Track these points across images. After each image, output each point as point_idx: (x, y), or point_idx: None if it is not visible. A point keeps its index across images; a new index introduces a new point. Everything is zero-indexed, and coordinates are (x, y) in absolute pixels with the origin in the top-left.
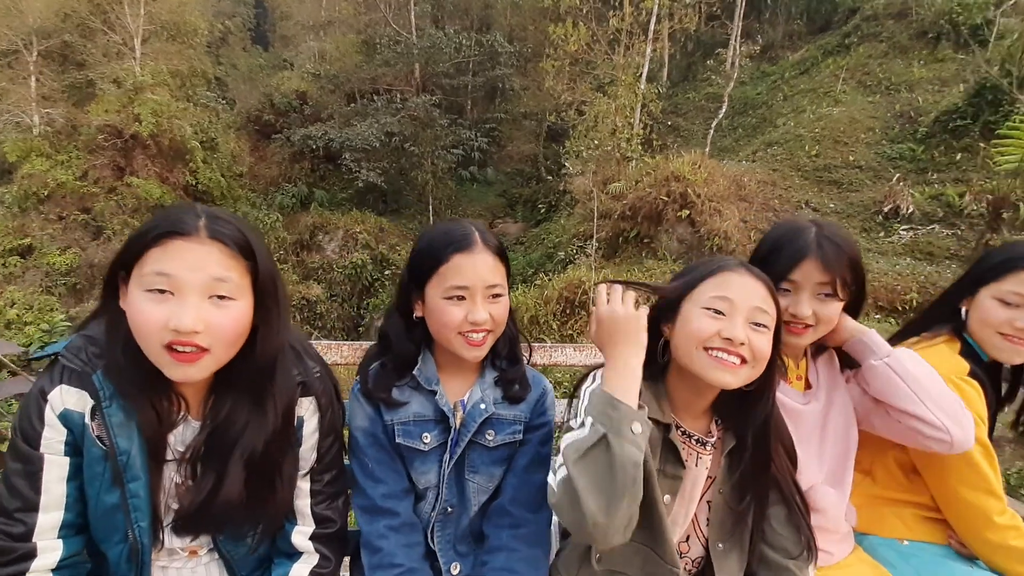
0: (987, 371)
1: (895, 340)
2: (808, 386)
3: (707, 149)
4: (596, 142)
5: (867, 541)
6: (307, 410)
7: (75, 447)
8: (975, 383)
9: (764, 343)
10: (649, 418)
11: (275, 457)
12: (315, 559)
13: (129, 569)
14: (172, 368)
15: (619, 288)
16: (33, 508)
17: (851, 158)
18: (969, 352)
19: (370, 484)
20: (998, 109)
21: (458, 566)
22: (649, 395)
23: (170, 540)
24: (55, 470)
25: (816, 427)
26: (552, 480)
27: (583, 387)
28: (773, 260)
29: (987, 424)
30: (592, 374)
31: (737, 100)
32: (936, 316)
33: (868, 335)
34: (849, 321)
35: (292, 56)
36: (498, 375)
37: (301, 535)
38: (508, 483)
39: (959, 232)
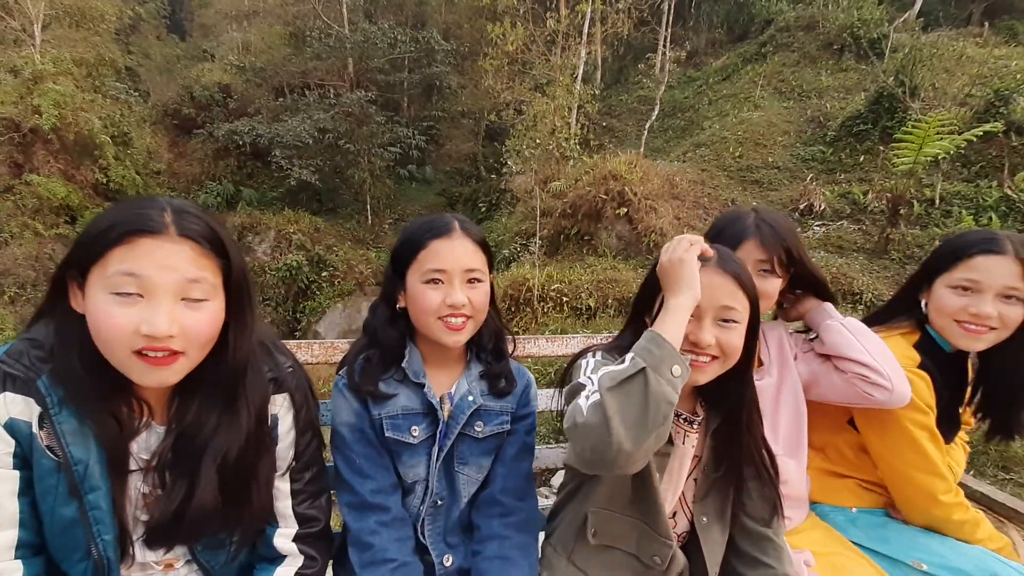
0: (949, 361)
1: None
2: (760, 363)
3: (641, 150)
4: (537, 141)
5: (819, 509)
6: (281, 407)
7: (24, 459)
8: (923, 374)
9: (734, 337)
10: None
11: (250, 459)
12: (300, 560)
13: None
14: (143, 374)
15: (688, 238)
16: None
17: (770, 159)
18: (928, 344)
19: (358, 480)
20: (894, 115)
21: (450, 558)
22: None
23: (142, 554)
24: (5, 485)
25: (770, 402)
26: (582, 403)
27: (580, 361)
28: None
29: (935, 412)
30: (591, 350)
31: (667, 103)
32: (896, 309)
33: (825, 305)
34: (813, 299)
35: (213, 47)
36: (484, 369)
37: (284, 537)
38: (497, 473)
39: (864, 227)
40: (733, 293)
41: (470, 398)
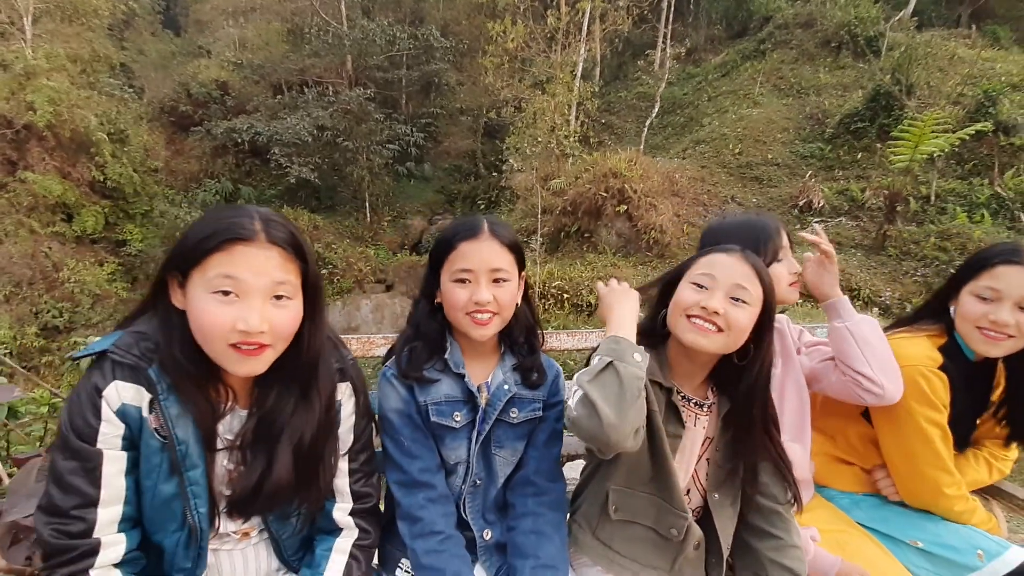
0: (972, 370)
1: (887, 329)
2: None
3: (641, 147)
4: (539, 139)
5: (825, 492)
6: (344, 394)
7: (131, 441)
8: (942, 374)
9: (741, 315)
10: (653, 381)
11: (320, 441)
12: (355, 533)
13: (187, 555)
14: (237, 364)
15: (614, 279)
16: (92, 504)
17: (769, 156)
18: (954, 349)
19: (407, 460)
20: (891, 113)
21: (489, 532)
22: (654, 363)
23: (224, 524)
24: (114, 465)
25: (776, 391)
26: (570, 403)
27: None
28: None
29: (947, 411)
30: (588, 358)
31: (666, 100)
32: (926, 313)
33: (841, 300)
34: (833, 287)
35: (209, 43)
36: (517, 361)
37: (341, 511)
38: (530, 456)
39: (862, 223)
40: (748, 277)
41: (505, 387)
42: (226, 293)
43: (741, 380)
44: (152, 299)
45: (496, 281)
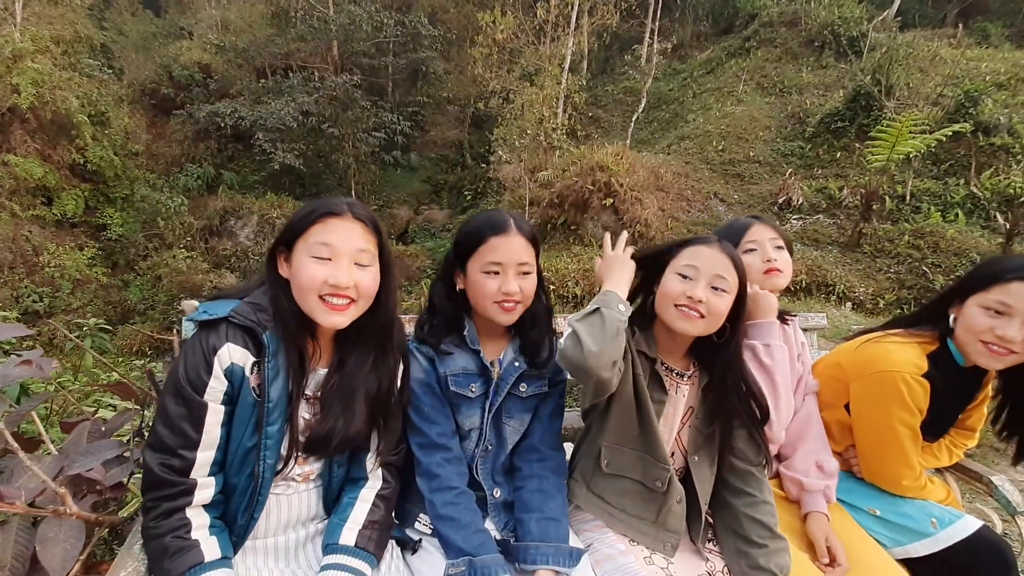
0: (959, 374)
1: (885, 327)
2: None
3: (628, 141)
4: (527, 131)
5: None
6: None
7: (230, 397)
8: (924, 382)
9: (720, 303)
10: (640, 352)
11: (392, 394)
12: (379, 482)
13: (249, 501)
14: (326, 315)
15: (623, 236)
16: (194, 447)
17: (751, 154)
18: (944, 355)
19: (426, 425)
20: (870, 113)
21: (498, 491)
22: (641, 338)
23: (293, 468)
24: (214, 416)
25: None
26: (562, 341)
27: None
28: (731, 234)
29: (924, 415)
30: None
31: (652, 95)
32: (924, 318)
33: (769, 326)
34: (770, 301)
35: (190, 24)
36: (525, 342)
37: (372, 461)
38: (536, 427)
39: (839, 221)
40: (727, 267)
41: (516, 364)
42: (322, 257)
43: (718, 355)
44: (268, 272)
45: (522, 273)
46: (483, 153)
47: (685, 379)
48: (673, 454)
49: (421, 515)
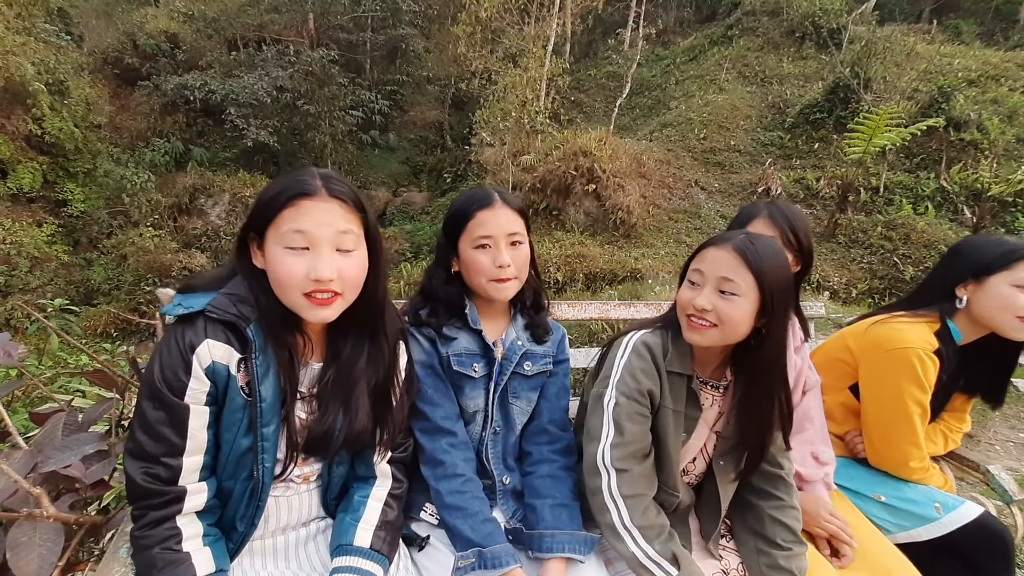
0: (958, 352)
1: (885, 310)
2: None
3: (611, 127)
4: (511, 114)
5: None
6: (401, 351)
7: (215, 398)
8: (935, 359)
9: (732, 309)
10: (675, 372)
11: (390, 385)
12: (390, 482)
13: (249, 505)
14: (311, 311)
15: None
16: (179, 453)
17: (732, 142)
18: (946, 334)
19: (429, 408)
20: (847, 106)
21: (508, 478)
22: (674, 352)
23: (292, 470)
24: (199, 419)
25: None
26: (595, 497)
27: (617, 355)
28: (735, 227)
29: (931, 392)
30: (628, 340)
31: (635, 81)
32: (927, 299)
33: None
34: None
35: None
36: (526, 321)
37: (380, 459)
38: (543, 408)
39: (815, 212)
40: (736, 268)
41: (519, 342)
42: (298, 248)
43: (755, 361)
44: (238, 263)
45: (513, 244)
46: (464, 135)
47: (721, 390)
48: (695, 459)
49: (427, 504)
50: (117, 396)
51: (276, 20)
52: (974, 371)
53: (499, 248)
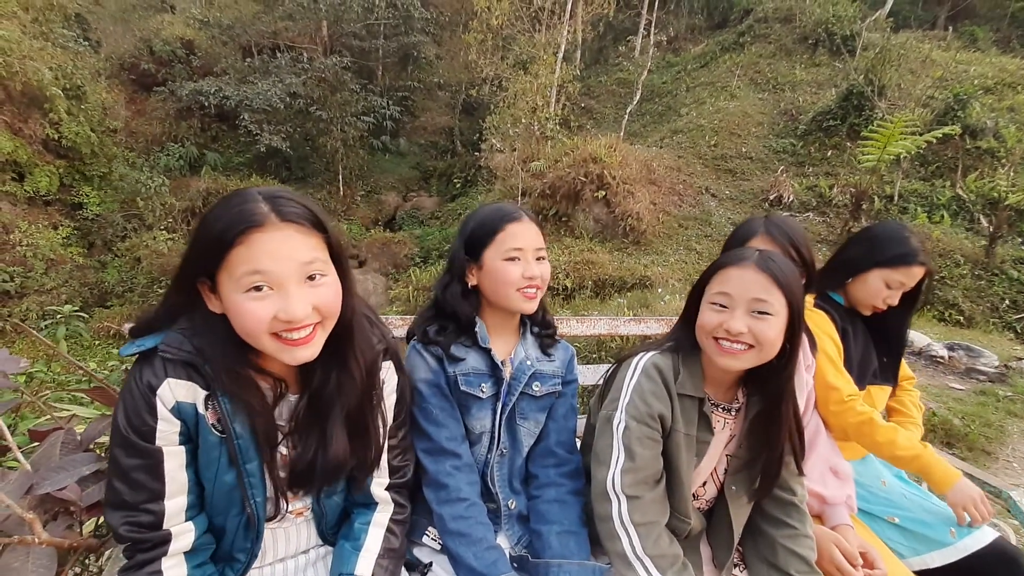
0: (841, 310)
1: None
2: None
3: (621, 133)
4: (521, 120)
5: None
6: (388, 371)
7: (189, 436)
8: (819, 311)
9: (767, 328)
10: (686, 395)
11: (367, 412)
12: (391, 507)
13: (246, 537)
14: (287, 354)
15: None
16: (159, 497)
17: (743, 149)
18: (826, 299)
19: (434, 429)
20: (861, 113)
21: (514, 502)
22: (685, 373)
23: (289, 504)
24: (175, 459)
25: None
26: (606, 525)
27: (627, 378)
28: (732, 247)
29: (838, 346)
30: (637, 361)
31: (645, 87)
32: (826, 283)
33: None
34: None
35: None
36: (536, 340)
37: (379, 486)
38: (550, 429)
39: (828, 219)
40: (767, 288)
41: (528, 362)
42: (259, 288)
43: (771, 381)
44: (187, 310)
45: (539, 259)
46: (474, 140)
47: (733, 413)
48: (705, 483)
49: (429, 528)
50: None
51: (290, 27)
52: (875, 333)
53: (528, 261)
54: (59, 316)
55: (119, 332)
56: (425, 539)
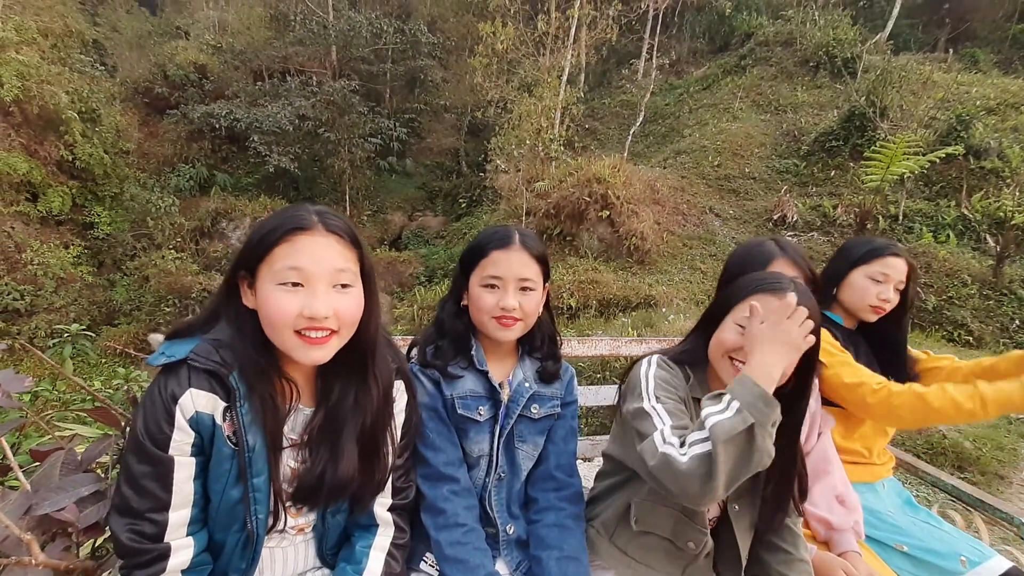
0: (844, 331)
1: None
2: None
3: (624, 154)
4: (525, 141)
5: None
6: (399, 391)
7: (200, 448)
8: (824, 331)
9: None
10: (694, 398)
11: (380, 431)
12: (392, 531)
13: (243, 555)
14: (303, 352)
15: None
16: (164, 508)
17: (747, 170)
18: (827, 320)
19: (431, 453)
20: (864, 134)
21: (512, 527)
22: (696, 382)
23: (286, 521)
24: (184, 471)
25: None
26: (683, 452)
27: (643, 371)
28: (748, 270)
29: (846, 353)
30: (648, 359)
31: (648, 110)
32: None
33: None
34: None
35: (187, 24)
36: (536, 365)
37: (381, 506)
38: (550, 452)
39: (832, 239)
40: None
41: (526, 384)
42: (292, 284)
43: (787, 405)
44: (224, 303)
45: (523, 290)
46: (479, 161)
47: None
48: None
49: (427, 554)
50: (118, 433)
51: (300, 52)
52: (877, 350)
53: (507, 291)
54: (66, 335)
55: (125, 351)
56: (423, 565)
